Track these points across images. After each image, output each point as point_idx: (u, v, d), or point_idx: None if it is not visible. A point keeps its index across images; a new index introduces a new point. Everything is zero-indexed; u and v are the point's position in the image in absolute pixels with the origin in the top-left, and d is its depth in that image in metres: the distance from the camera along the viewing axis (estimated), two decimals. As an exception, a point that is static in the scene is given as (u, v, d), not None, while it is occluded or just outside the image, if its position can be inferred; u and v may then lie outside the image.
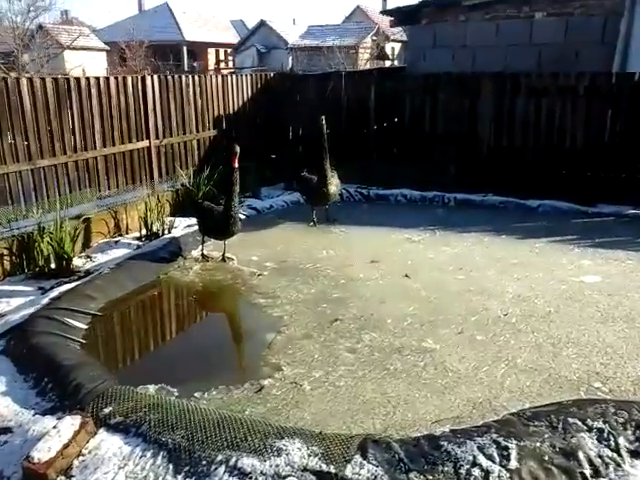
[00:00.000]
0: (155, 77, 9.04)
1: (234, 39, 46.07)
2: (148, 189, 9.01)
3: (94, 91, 8.00)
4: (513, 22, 12.28)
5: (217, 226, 7.15)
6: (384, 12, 13.94)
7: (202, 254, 7.47)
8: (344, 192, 10.52)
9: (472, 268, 7.04)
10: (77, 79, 7.87)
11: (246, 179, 10.55)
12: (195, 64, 42.87)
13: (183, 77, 9.63)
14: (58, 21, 44.84)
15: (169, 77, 9.33)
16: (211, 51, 45.41)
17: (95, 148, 8.11)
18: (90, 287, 6.17)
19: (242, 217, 9.14)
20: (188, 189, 9.49)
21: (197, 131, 9.97)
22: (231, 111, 10.71)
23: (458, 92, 10.79)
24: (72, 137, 7.77)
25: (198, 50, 44.89)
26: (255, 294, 6.36)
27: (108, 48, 37.84)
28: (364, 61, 32.14)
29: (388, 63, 34.97)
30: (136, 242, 8.25)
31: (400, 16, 13.72)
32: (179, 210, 9.44)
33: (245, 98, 11.05)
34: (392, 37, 38.82)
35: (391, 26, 14.41)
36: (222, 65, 43.43)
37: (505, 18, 12.46)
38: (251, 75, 11.36)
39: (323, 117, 8.94)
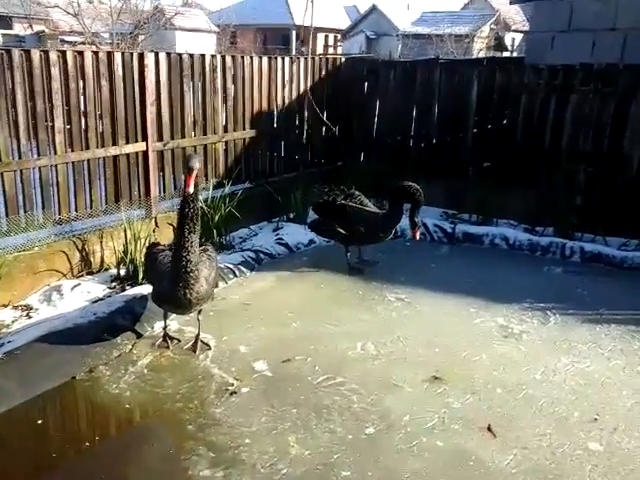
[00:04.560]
0: (162, 55, 6.15)
1: (345, 25, 42.77)
2: (141, 209, 6.22)
3: (55, 71, 5.24)
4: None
5: (163, 291, 4.20)
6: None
7: (164, 334, 4.54)
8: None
9: (617, 422, 3.62)
10: (26, 52, 5.13)
11: (291, 197, 7.63)
12: (303, 49, 40.18)
13: (207, 57, 6.67)
14: (178, 4, 43.75)
15: (185, 56, 6.41)
16: (320, 36, 42.33)
17: (54, 152, 5.39)
18: None
19: (262, 258, 6.18)
20: (202, 209, 6.59)
21: (225, 131, 7.02)
22: (279, 105, 7.67)
23: (599, 93, 7.13)
24: (11, 138, 5.09)
25: (307, 34, 42.07)
26: (202, 449, 3.33)
27: (217, 30, 35.89)
28: (478, 51, 27.91)
29: (506, 55, 30.45)
30: (102, 287, 5.50)
31: (523, -12, 9.99)
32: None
33: (301, 88, 7.96)
34: (513, 26, 34.03)
35: (511, 2, 10.65)
36: (330, 51, 40.38)
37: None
38: (312, 59, 8.24)
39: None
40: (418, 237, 5.87)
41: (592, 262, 6.34)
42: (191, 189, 3.93)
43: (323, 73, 8.29)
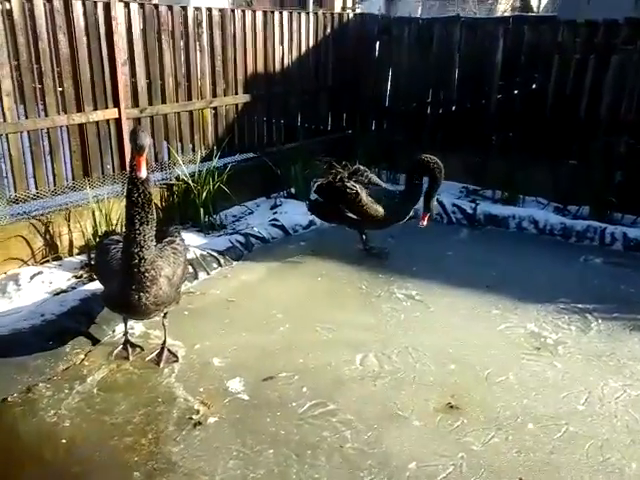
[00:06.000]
0: (134, 6, 5.20)
1: (363, -14, 40.93)
2: (116, 184, 5.40)
3: (-2, 22, 4.37)
4: None
5: (113, 293, 3.37)
6: None
7: (124, 341, 3.74)
8: (434, 204, 6.28)
9: (685, 475, 2.78)
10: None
11: (291, 170, 6.73)
12: (320, 10, 38.56)
13: (190, 10, 5.71)
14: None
15: (162, 8, 5.45)
16: (337, -2, 40.69)
17: (3, 119, 4.55)
18: None
19: (253, 242, 5.35)
20: (187, 185, 5.77)
21: (214, 95, 6.11)
22: (277, 67, 6.71)
23: (648, 52, 6.09)
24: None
25: (324, -4, 40.31)
26: (146, 510, 2.57)
27: (230, -9, 34.41)
28: (502, 13, 26.36)
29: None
30: (67, 276, 4.72)
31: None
32: (173, 216, 5.76)
33: (302, 48, 6.98)
34: (539, -13, 32.17)
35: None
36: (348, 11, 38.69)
37: None
38: (316, 15, 7.22)
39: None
40: (426, 223, 4.99)
41: (637, 251, 5.40)
42: (143, 173, 3.09)
43: (328, 31, 7.30)
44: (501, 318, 4.18)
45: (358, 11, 38.29)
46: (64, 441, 2.95)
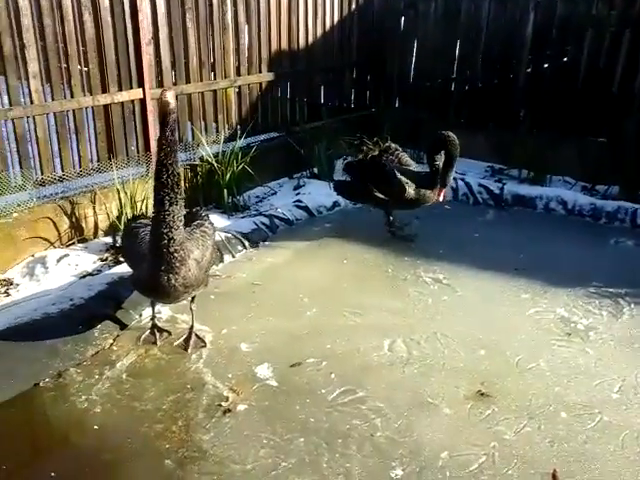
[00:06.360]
0: (158, -17, 5.12)
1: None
2: (140, 166, 5.35)
3: (24, 3, 4.29)
4: None
5: (142, 276, 3.34)
6: None
7: (152, 325, 3.73)
8: (460, 184, 6.16)
9: None
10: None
11: (315, 150, 6.62)
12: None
13: (214, -13, 5.60)
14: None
15: (186, -14, 5.36)
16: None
17: (30, 102, 4.52)
18: None
19: (278, 224, 5.30)
20: (211, 165, 5.71)
21: (238, 74, 6.01)
22: (301, 44, 6.56)
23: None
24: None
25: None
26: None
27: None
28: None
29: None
30: (93, 258, 4.72)
31: None
32: (196, 197, 5.72)
33: (327, 24, 6.82)
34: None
35: None
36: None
37: None
38: (339, -12, 7.03)
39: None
40: (442, 199, 4.87)
41: (671, 231, 5.24)
42: (170, 98, 3.22)
43: (353, 6, 7.10)
44: (531, 302, 4.09)
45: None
46: (96, 427, 2.96)
